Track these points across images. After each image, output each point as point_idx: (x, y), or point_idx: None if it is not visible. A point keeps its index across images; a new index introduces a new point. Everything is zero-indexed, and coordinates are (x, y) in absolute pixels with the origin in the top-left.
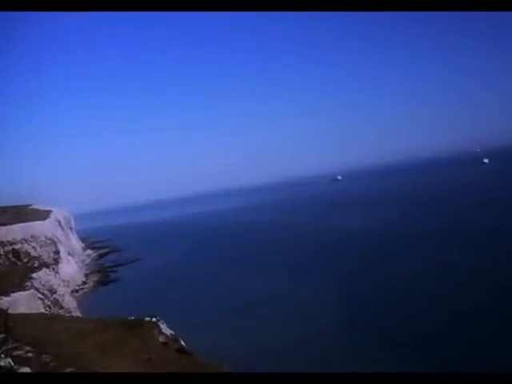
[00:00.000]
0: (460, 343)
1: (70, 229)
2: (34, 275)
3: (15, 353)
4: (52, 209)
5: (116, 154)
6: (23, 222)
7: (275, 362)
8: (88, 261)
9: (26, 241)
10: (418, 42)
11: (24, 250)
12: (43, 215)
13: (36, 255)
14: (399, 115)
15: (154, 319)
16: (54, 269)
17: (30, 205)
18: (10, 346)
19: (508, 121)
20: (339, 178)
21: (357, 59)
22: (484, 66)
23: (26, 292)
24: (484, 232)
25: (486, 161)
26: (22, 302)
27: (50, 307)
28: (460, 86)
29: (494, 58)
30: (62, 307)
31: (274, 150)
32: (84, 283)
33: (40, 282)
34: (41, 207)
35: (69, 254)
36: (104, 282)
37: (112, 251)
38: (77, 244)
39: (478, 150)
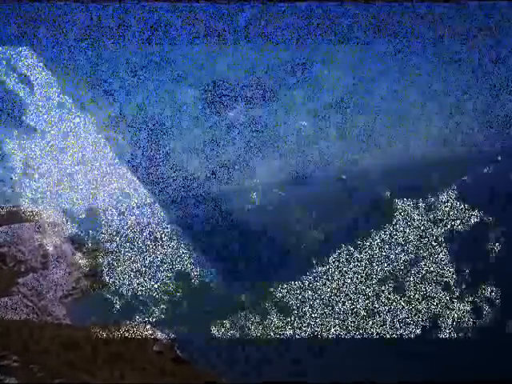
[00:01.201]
0: (465, 350)
1: (61, 230)
2: (20, 280)
3: (0, 363)
4: (40, 209)
5: None
6: (9, 223)
7: (276, 370)
8: (79, 264)
9: (12, 244)
10: (421, 34)
11: (10, 253)
12: (31, 216)
13: (23, 259)
14: (404, 112)
15: (148, 326)
16: (42, 273)
17: (17, 205)
18: None
19: None
20: (344, 177)
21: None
22: (492, 58)
23: (13, 298)
24: (496, 234)
25: (498, 158)
26: (8, 309)
27: (37, 314)
28: (467, 80)
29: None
30: (50, 314)
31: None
32: (74, 288)
33: (27, 287)
34: (28, 207)
35: (58, 257)
36: (96, 286)
37: (105, 254)
38: (67, 247)
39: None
